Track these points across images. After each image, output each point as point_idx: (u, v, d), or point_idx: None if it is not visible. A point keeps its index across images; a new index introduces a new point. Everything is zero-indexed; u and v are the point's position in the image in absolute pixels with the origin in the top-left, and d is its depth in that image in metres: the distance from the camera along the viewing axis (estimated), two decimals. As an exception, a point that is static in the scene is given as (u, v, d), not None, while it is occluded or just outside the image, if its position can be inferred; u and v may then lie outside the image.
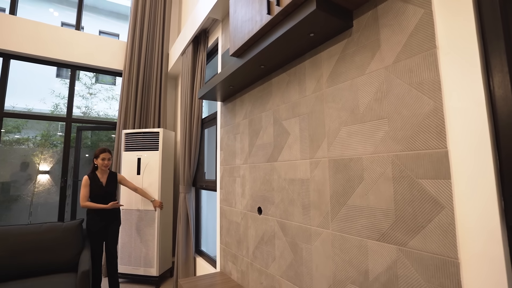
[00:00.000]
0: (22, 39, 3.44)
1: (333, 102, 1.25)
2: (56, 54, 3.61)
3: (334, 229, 1.21)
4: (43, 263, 2.38)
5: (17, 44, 3.41)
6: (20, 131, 5.94)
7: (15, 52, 3.42)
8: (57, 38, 3.64)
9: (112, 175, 2.79)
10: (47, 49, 3.57)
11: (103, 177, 2.71)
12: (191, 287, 1.86)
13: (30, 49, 3.48)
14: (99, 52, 3.88)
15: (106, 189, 2.69)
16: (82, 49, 3.78)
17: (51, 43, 3.60)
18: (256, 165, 1.81)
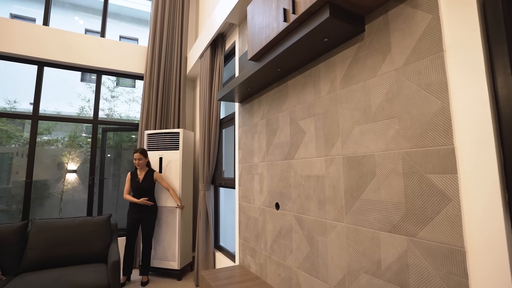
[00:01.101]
0: (54, 48, 3.70)
1: (346, 103, 1.32)
2: (84, 60, 3.86)
3: (348, 222, 1.28)
4: (77, 254, 2.58)
5: (50, 53, 3.67)
6: (50, 133, 6.32)
7: (48, 60, 3.69)
8: (84, 45, 3.89)
9: (149, 173, 3.17)
10: (75, 56, 3.82)
11: (141, 174, 3.15)
12: (212, 278, 1.98)
13: (61, 56, 3.74)
14: (122, 57, 4.10)
15: (141, 185, 3.09)
16: (106, 55, 4.01)
17: (79, 50, 3.85)
18: (273, 163, 1.90)
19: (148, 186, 3.11)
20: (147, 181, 3.12)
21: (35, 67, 3.75)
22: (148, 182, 3.12)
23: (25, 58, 3.64)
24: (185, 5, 4.33)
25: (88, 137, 6.83)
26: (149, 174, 3.17)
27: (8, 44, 3.48)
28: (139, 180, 3.11)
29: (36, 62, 3.72)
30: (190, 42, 4.40)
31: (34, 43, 3.61)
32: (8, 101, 6.17)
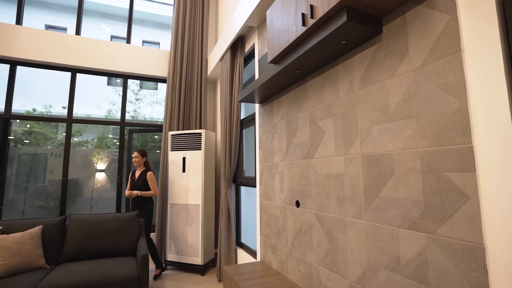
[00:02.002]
0: (85, 55, 3.96)
1: (365, 103, 1.35)
2: (111, 66, 4.10)
3: (368, 219, 1.32)
4: (109, 247, 2.76)
5: (82, 60, 3.94)
6: (81, 135, 6.73)
7: (80, 67, 3.95)
8: (112, 51, 4.12)
9: (143, 172, 3.36)
10: (104, 62, 4.06)
11: (138, 173, 3.39)
12: (234, 273, 2.07)
13: (91, 63, 4.00)
14: (146, 61, 4.31)
15: (135, 183, 3.32)
16: (132, 60, 4.22)
17: (107, 57, 4.09)
18: (293, 162, 1.96)
19: (140, 185, 3.29)
20: (139, 180, 3.33)
21: (69, 74, 4.03)
22: (140, 181, 3.31)
23: (60, 66, 3.92)
24: (205, 9, 4.47)
25: (115, 138, 7.18)
26: (143, 174, 3.35)
27: (45, 53, 3.77)
28: (134, 178, 3.36)
29: (70, 69, 4.00)
30: (210, 45, 4.54)
31: (68, 52, 3.88)
32: (44, 106, 6.62)
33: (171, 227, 3.58)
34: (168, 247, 3.57)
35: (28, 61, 3.75)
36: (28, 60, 3.74)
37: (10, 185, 5.07)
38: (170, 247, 3.55)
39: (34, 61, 3.76)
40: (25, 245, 2.35)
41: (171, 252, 3.54)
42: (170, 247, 3.55)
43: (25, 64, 3.80)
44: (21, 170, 5.43)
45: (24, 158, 5.57)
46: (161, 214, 3.88)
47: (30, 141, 5.90)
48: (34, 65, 3.86)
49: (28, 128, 5.84)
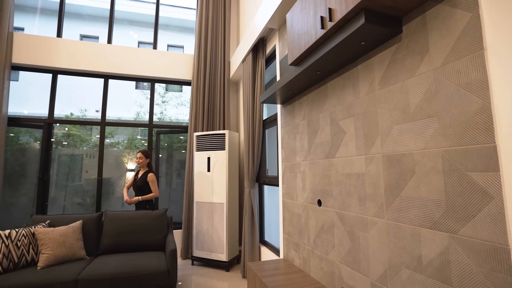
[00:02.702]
0: (116, 62, 4.23)
1: (385, 103, 1.36)
2: (140, 71, 4.33)
3: (389, 218, 1.33)
4: (140, 242, 2.94)
5: (113, 67, 4.20)
6: (113, 136, 7.15)
7: (112, 73, 4.23)
8: (140, 57, 4.36)
9: (146, 173, 3.43)
10: (133, 68, 4.31)
11: (140, 173, 3.45)
12: (258, 269, 2.14)
13: (121, 69, 4.25)
14: (172, 66, 4.51)
15: (136, 183, 3.40)
16: (158, 65, 4.44)
17: (136, 63, 4.33)
18: (315, 162, 1.99)
19: (141, 185, 3.34)
20: (141, 180, 3.37)
21: (102, 80, 4.32)
22: (141, 182, 3.35)
23: (94, 73, 4.21)
24: (226, 12, 4.59)
25: (143, 139, 7.53)
26: (145, 175, 3.39)
27: (81, 62, 4.08)
28: (137, 178, 3.44)
29: (103, 76, 4.29)
30: (232, 47, 4.64)
31: (101, 60, 4.16)
32: (80, 110, 7.10)
33: (197, 225, 3.73)
34: (194, 243, 3.73)
35: (67, 70, 4.08)
36: (67, 69, 4.06)
37: (52, 183, 5.50)
38: (197, 243, 3.70)
39: (72, 69, 4.08)
40: (68, 237, 2.58)
41: (197, 248, 3.69)
42: (197, 243, 3.70)
43: (64, 72, 4.13)
44: (61, 170, 5.89)
45: (63, 159, 6.03)
46: (188, 212, 4.05)
47: (68, 143, 6.37)
48: (72, 73, 4.18)
49: (66, 131, 6.31)
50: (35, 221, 2.76)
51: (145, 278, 2.41)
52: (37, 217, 2.80)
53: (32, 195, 4.69)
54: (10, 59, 3.72)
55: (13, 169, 4.52)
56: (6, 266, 2.29)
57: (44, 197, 3.98)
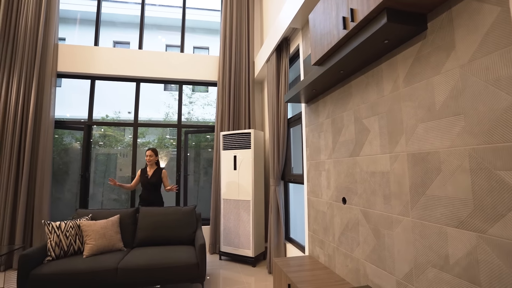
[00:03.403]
0: (147, 67, 4.48)
1: (409, 101, 1.35)
2: (168, 74, 4.55)
3: (414, 217, 1.32)
4: (171, 236, 3.12)
5: (144, 71, 4.46)
6: (144, 136, 7.54)
7: (143, 77, 4.48)
8: (168, 61, 4.57)
9: (158, 170, 3.60)
10: (162, 71, 4.53)
11: (150, 171, 3.59)
12: (283, 265, 2.20)
13: (152, 73, 4.49)
14: (198, 67, 4.67)
15: (149, 180, 3.54)
16: (186, 68, 4.62)
17: (165, 66, 4.54)
18: (339, 160, 2.00)
19: (156, 182, 3.54)
20: (155, 177, 3.55)
21: (134, 84, 4.59)
22: (155, 178, 3.55)
23: (127, 77, 4.49)
24: (250, 13, 4.66)
25: (171, 138, 7.85)
26: (158, 171, 3.58)
27: (115, 68, 4.37)
28: (148, 176, 3.56)
29: (135, 80, 4.56)
30: (256, 47, 4.71)
31: (132, 65, 4.43)
32: (114, 112, 7.56)
33: (224, 221, 3.86)
34: (221, 239, 3.87)
35: (103, 75, 4.39)
36: (103, 75, 4.37)
37: (91, 180, 5.94)
38: (224, 239, 3.84)
39: (107, 75, 4.38)
40: (108, 230, 2.81)
41: (224, 243, 3.82)
42: (224, 239, 3.84)
43: (101, 78, 4.45)
44: (98, 168, 6.33)
45: (100, 158, 6.47)
46: (215, 209, 4.20)
47: (104, 143, 6.82)
48: (108, 78, 4.49)
49: (102, 132, 6.76)
50: (80, 215, 3.03)
51: (176, 270, 2.57)
52: (81, 211, 3.08)
53: (74, 191, 5.12)
54: (56, 68, 4.09)
55: (58, 167, 4.96)
56: (58, 253, 2.56)
57: (86, 193, 4.33)
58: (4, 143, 3.72)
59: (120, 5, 8.80)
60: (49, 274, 2.34)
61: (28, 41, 3.91)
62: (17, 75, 3.82)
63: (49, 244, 2.58)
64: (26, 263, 2.32)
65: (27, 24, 3.95)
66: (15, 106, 3.78)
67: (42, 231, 3.73)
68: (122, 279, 2.47)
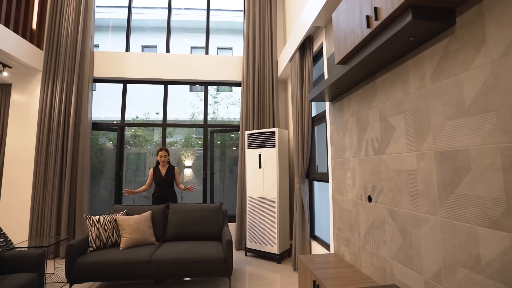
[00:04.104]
0: (174, 69, 4.67)
1: (437, 98, 1.33)
2: (194, 75, 4.71)
3: (442, 216, 1.30)
4: (199, 232, 3.25)
5: (171, 73, 4.65)
6: (172, 136, 7.85)
7: (170, 79, 4.68)
8: (194, 63, 4.74)
9: (170, 168, 3.72)
10: (188, 73, 4.70)
11: (163, 170, 3.70)
12: (309, 262, 2.23)
13: (178, 75, 4.68)
14: (223, 68, 4.79)
15: (164, 179, 3.65)
16: (211, 69, 4.76)
17: (191, 68, 4.71)
18: (364, 158, 1.99)
19: (170, 180, 3.69)
20: (169, 175, 3.68)
21: (162, 86, 4.81)
22: (170, 176, 3.69)
23: (156, 80, 4.72)
24: (272, 13, 4.69)
25: (197, 137, 8.08)
26: (171, 170, 3.72)
27: (145, 71, 4.61)
28: (162, 175, 3.67)
29: (163, 82, 4.77)
30: (279, 46, 4.74)
31: (160, 68, 4.64)
32: (144, 113, 7.93)
33: (250, 218, 3.95)
34: (247, 235, 3.96)
35: (134, 79, 4.64)
36: (134, 78, 4.63)
37: (124, 178, 6.31)
38: (249, 235, 3.92)
39: (138, 78, 4.63)
40: (141, 225, 3.00)
41: (250, 240, 3.91)
42: (249, 235, 3.92)
43: (132, 81, 4.72)
44: (130, 167, 6.69)
45: (131, 157, 6.83)
46: (241, 206, 4.30)
47: (135, 143, 7.19)
48: (138, 81, 4.74)
49: (133, 132, 7.13)
50: (116, 210, 3.26)
51: (205, 264, 2.69)
52: (117, 206, 3.31)
53: (109, 188, 5.47)
54: (92, 74, 4.40)
55: (94, 166, 5.33)
56: (98, 245, 2.79)
57: (120, 190, 4.62)
58: (50, 143, 4.08)
59: (148, 10, 9.18)
60: (92, 263, 2.56)
61: (68, 50, 4.24)
62: (59, 81, 4.17)
63: (90, 236, 2.81)
64: (72, 253, 2.56)
65: (68, 35, 4.28)
66: (58, 110, 4.12)
67: (82, 223, 4.05)
68: (155, 271, 2.64)
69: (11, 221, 4.02)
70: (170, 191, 3.75)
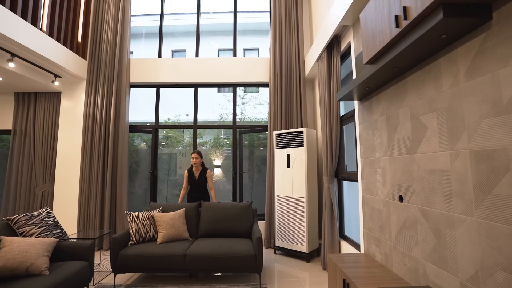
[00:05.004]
0: (203, 73, 4.86)
1: (472, 96, 1.30)
2: (222, 78, 4.86)
3: (479, 217, 1.27)
4: (230, 229, 3.38)
5: (201, 77, 4.85)
6: (201, 137, 8.12)
7: (200, 82, 4.88)
8: (222, 66, 4.89)
9: (203, 171, 3.82)
10: (217, 76, 4.86)
11: (197, 173, 3.84)
12: (338, 260, 2.24)
13: (208, 78, 4.86)
14: (250, 70, 4.89)
15: (197, 182, 3.78)
16: (238, 71, 4.88)
17: (219, 71, 4.87)
18: (395, 158, 1.97)
19: (203, 182, 3.83)
20: (202, 178, 3.82)
21: (192, 89, 5.02)
22: (202, 179, 3.83)
23: (186, 84, 4.94)
24: (299, 12, 4.70)
25: (226, 138, 8.27)
26: (203, 173, 3.83)
27: (175, 76, 4.84)
28: (195, 178, 3.79)
29: (193, 86, 4.98)
30: (306, 46, 4.73)
31: (191, 72, 4.86)
32: (175, 115, 8.29)
33: (279, 217, 4.01)
34: (276, 234, 4.02)
35: (166, 83, 4.90)
36: (166, 83, 4.89)
37: (158, 178, 6.66)
38: (278, 234, 3.98)
39: (169, 83, 4.88)
40: (176, 221, 3.19)
41: (279, 238, 3.97)
42: (278, 234, 3.98)
43: (164, 86, 4.98)
44: (163, 166, 7.04)
45: (164, 157, 7.18)
46: (269, 205, 4.37)
47: (166, 143, 7.55)
48: (170, 85, 5.00)
49: (165, 133, 7.49)
50: (152, 207, 3.49)
51: (236, 260, 2.80)
52: (153, 204, 3.54)
53: (144, 186, 5.82)
54: (129, 79, 4.72)
55: (130, 166, 5.70)
56: (137, 239, 3.01)
57: (155, 188, 4.90)
58: (93, 145, 4.45)
59: (177, 16, 9.56)
60: (133, 255, 2.78)
61: (108, 59, 4.60)
62: (101, 88, 4.53)
63: (130, 230, 3.05)
64: (116, 245, 2.80)
65: (107, 45, 4.64)
66: (100, 114, 4.48)
67: (122, 219, 4.36)
68: (189, 264, 2.80)
69: (64, 215, 4.45)
70: (204, 193, 3.92)
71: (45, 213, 2.69)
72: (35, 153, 4.56)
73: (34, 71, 3.96)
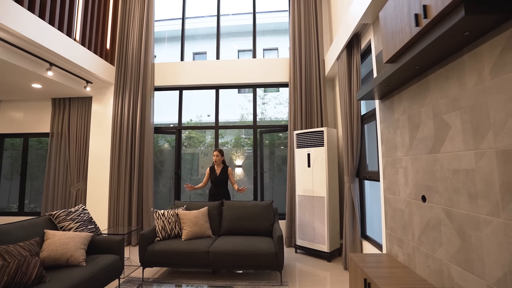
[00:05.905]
0: (224, 74, 4.97)
1: (498, 94, 1.26)
2: (242, 79, 4.94)
3: (507, 218, 1.23)
4: (252, 228, 3.45)
5: (222, 78, 4.96)
6: (223, 137, 8.28)
7: (221, 84, 4.99)
8: (242, 67, 4.97)
9: (224, 168, 3.93)
10: (237, 77, 4.95)
11: (218, 169, 3.96)
12: (360, 260, 2.23)
13: (228, 79, 4.96)
14: (270, 71, 4.93)
15: (219, 178, 3.89)
16: (258, 72, 4.94)
17: (240, 72, 4.95)
18: (417, 157, 1.94)
19: (224, 179, 3.94)
20: (223, 175, 3.92)
21: (213, 91, 5.15)
22: (223, 176, 3.93)
23: (208, 86, 5.08)
24: (318, 11, 4.67)
25: (246, 138, 8.37)
26: (225, 170, 3.94)
27: (197, 78, 4.99)
28: (216, 174, 3.90)
29: (214, 87, 5.11)
30: (325, 45, 4.70)
31: (212, 74, 4.98)
32: (197, 116, 8.51)
33: (300, 216, 4.03)
34: (297, 233, 4.04)
35: (188, 86, 5.07)
36: (188, 85, 5.05)
37: (181, 177, 6.87)
38: (299, 233, 4.00)
39: (192, 85, 5.04)
40: (199, 219, 3.31)
41: (300, 238, 3.98)
42: (299, 233, 4.00)
43: (187, 88, 5.15)
44: (185, 166, 7.25)
45: (186, 157, 7.40)
46: (290, 204, 4.40)
47: (189, 144, 7.76)
48: (192, 88, 5.16)
49: (187, 134, 7.71)
50: (177, 205, 3.63)
51: (258, 257, 2.86)
52: (178, 202, 3.69)
53: (168, 185, 6.04)
54: (153, 83, 4.93)
55: (155, 166, 5.94)
56: (163, 235, 3.16)
57: (178, 187, 5.09)
58: (121, 147, 4.70)
59: (198, 20, 9.79)
60: (159, 250, 2.93)
61: (134, 64, 4.83)
62: (127, 92, 4.77)
63: (157, 227, 3.20)
64: (144, 241, 2.96)
65: (133, 51, 4.88)
66: (127, 117, 4.73)
67: (148, 216, 4.58)
68: (212, 261, 2.90)
69: (96, 212, 4.75)
70: (224, 190, 4.01)
71: (81, 210, 2.91)
72: (69, 154, 4.90)
73: (68, 78, 4.26)
